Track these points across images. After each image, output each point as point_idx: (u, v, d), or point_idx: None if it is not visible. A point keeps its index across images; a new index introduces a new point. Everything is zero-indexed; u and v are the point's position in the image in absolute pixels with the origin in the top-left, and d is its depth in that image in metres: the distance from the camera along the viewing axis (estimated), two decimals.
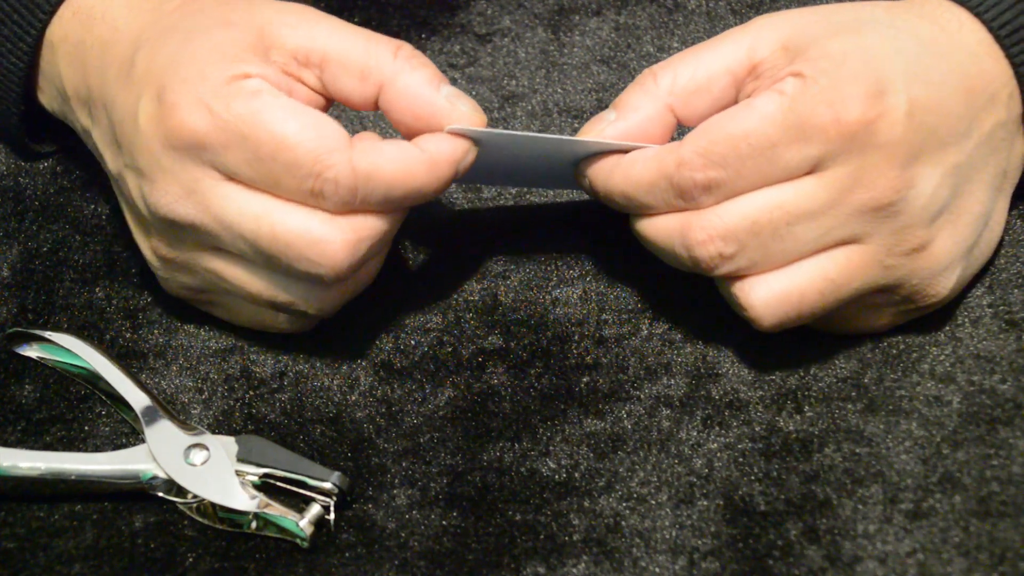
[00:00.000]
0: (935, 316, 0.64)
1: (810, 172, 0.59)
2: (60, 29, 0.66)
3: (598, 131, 0.62)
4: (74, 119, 0.67)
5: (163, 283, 0.65)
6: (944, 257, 0.61)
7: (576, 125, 0.74)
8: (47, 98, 0.68)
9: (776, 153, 0.58)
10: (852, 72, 0.59)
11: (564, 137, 0.67)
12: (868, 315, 0.63)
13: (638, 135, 0.62)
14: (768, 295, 0.60)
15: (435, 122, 0.61)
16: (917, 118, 0.59)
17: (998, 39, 0.61)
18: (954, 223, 0.61)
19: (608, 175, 0.62)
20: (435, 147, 0.60)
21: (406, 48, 0.62)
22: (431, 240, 0.70)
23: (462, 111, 0.61)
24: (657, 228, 0.61)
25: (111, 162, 0.64)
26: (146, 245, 0.64)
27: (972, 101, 0.61)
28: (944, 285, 0.62)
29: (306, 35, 0.61)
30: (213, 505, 0.60)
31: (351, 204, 0.59)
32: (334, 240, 0.59)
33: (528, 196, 0.71)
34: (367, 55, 0.61)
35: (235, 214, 0.59)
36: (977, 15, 0.62)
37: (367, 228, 0.60)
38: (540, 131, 0.74)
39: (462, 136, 0.61)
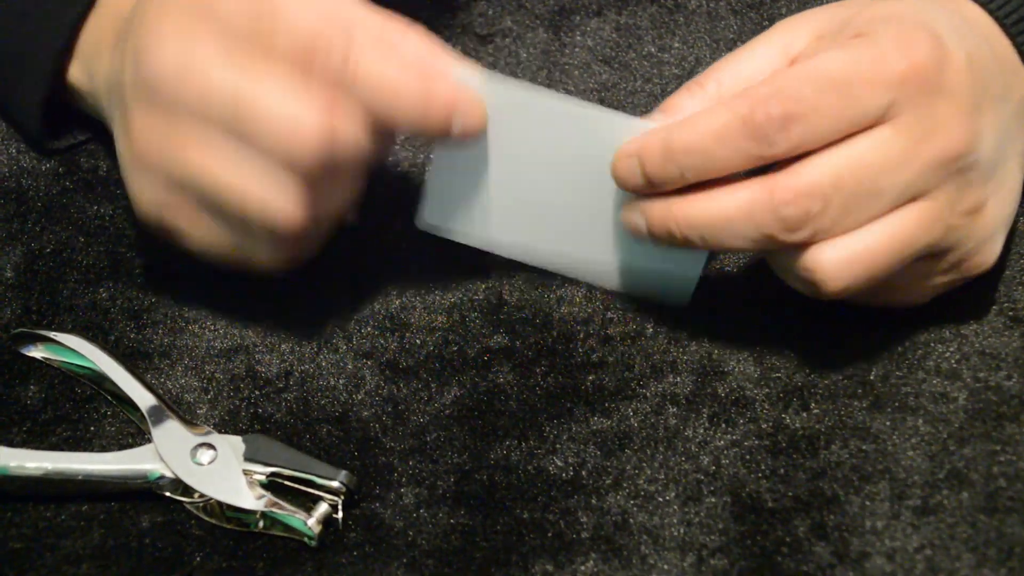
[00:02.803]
0: (940, 313, 0.65)
1: (881, 122, 0.57)
2: None
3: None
4: (98, 67, 0.66)
5: (135, 202, 0.63)
6: (993, 221, 0.61)
7: None
8: (80, 68, 0.68)
9: (853, 92, 0.57)
10: (909, 25, 0.58)
11: (607, 111, 0.62)
12: (914, 283, 0.62)
13: None
14: (840, 255, 0.58)
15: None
16: (975, 68, 0.58)
17: (1004, 27, 0.62)
18: (1000, 186, 0.61)
19: (668, 133, 0.59)
20: (440, 80, 0.60)
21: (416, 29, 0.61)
22: (435, 239, 0.70)
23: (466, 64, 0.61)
24: (737, 203, 0.58)
25: (115, 68, 0.63)
26: (125, 144, 0.62)
27: (1003, 68, 0.61)
28: (991, 252, 0.61)
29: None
30: (220, 504, 0.60)
31: (333, 87, 0.58)
32: (311, 116, 0.58)
33: None
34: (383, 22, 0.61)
35: (219, 79, 0.58)
36: (982, 5, 0.62)
37: (346, 120, 0.59)
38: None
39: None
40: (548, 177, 0.64)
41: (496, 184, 0.64)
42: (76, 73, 0.68)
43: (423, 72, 0.59)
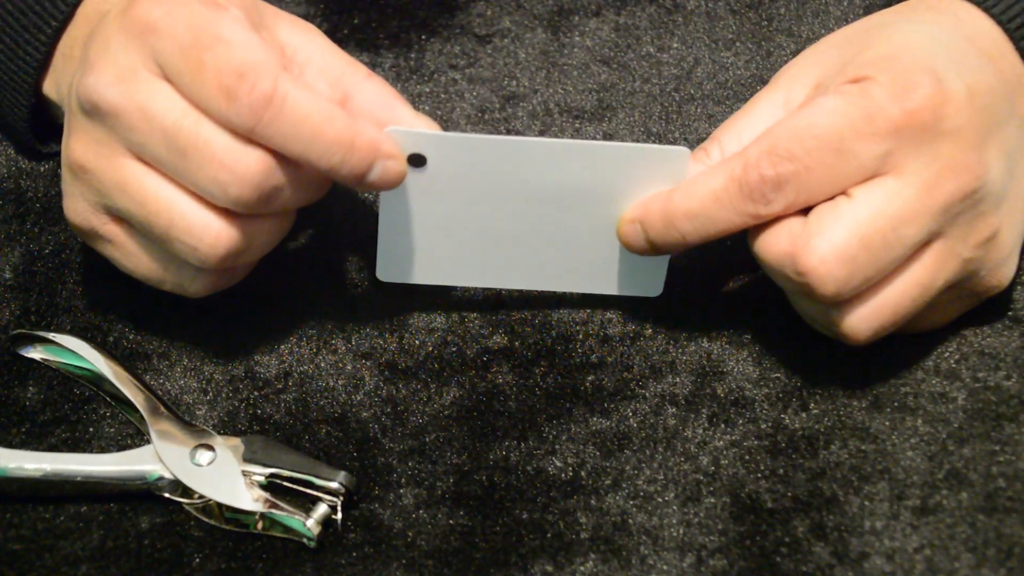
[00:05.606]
0: None
1: (884, 172, 0.57)
2: (83, 8, 0.67)
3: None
4: (63, 78, 0.66)
5: (66, 209, 0.63)
6: (1009, 244, 0.60)
7: (578, 125, 0.74)
8: (51, 80, 0.68)
9: (845, 147, 0.57)
10: (905, 65, 0.58)
11: (561, 140, 0.63)
12: (931, 314, 0.62)
13: None
14: (865, 311, 0.59)
15: (395, 119, 0.61)
16: (976, 100, 0.58)
17: (1007, 31, 0.62)
18: (1012, 207, 0.60)
19: (666, 200, 0.60)
20: (364, 125, 0.59)
21: (379, 77, 0.62)
22: None
23: (423, 117, 0.61)
24: (767, 248, 0.59)
25: (73, 76, 0.63)
26: (65, 148, 0.62)
27: (1006, 84, 0.60)
28: (1007, 273, 0.61)
29: (301, 38, 0.62)
30: (219, 505, 0.60)
31: (256, 116, 0.57)
32: (250, 156, 0.58)
33: None
34: (345, 67, 0.62)
35: (159, 108, 0.58)
36: (986, 10, 0.62)
37: (278, 166, 0.58)
38: (540, 133, 0.73)
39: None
40: (499, 208, 0.63)
41: (448, 225, 0.64)
42: (49, 86, 0.68)
43: (346, 116, 0.58)
